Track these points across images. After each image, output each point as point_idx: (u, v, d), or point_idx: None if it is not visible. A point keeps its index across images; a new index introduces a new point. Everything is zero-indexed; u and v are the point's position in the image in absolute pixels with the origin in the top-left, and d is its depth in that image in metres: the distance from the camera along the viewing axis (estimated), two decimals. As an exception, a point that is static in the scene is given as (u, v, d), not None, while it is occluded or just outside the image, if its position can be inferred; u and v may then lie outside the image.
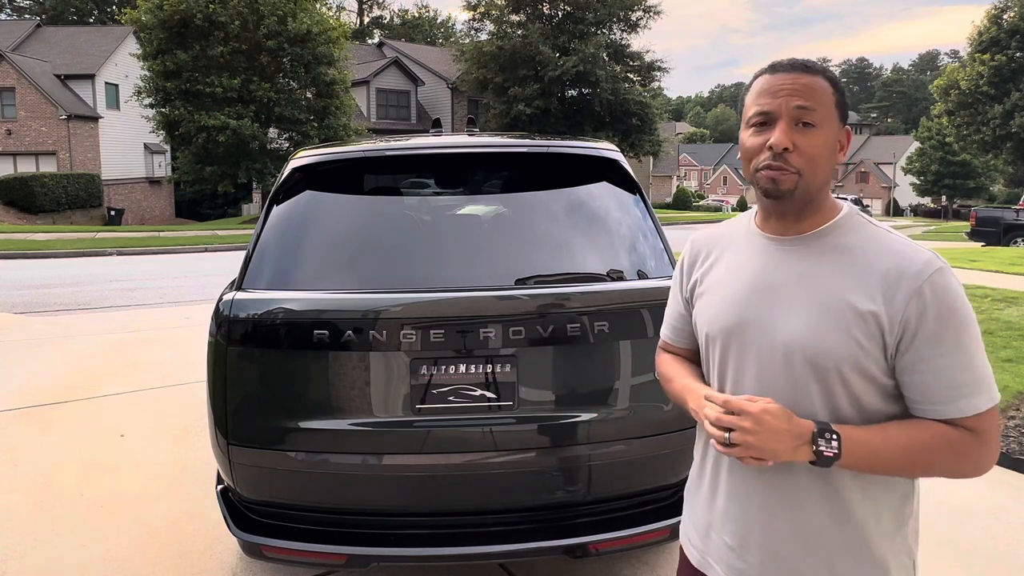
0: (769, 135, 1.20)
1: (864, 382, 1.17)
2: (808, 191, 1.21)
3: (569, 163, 2.74)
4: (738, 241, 1.35)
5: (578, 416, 2.34)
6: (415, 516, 2.41)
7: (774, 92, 1.20)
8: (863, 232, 1.22)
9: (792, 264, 1.24)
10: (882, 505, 1.21)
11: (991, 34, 33.63)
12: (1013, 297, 7.97)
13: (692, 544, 1.42)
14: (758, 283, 1.27)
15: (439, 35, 64.89)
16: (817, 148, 1.19)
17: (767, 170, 1.20)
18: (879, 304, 1.14)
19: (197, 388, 5.11)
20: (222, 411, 2.37)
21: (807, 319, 1.19)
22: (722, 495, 1.32)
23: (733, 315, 1.28)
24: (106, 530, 3.28)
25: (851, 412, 1.18)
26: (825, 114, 1.20)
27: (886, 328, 1.14)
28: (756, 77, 1.26)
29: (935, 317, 1.13)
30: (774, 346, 1.22)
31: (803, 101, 1.18)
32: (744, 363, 1.27)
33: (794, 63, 1.22)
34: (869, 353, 1.15)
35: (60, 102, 30.00)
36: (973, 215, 20.79)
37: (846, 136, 1.24)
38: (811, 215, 1.25)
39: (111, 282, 11.74)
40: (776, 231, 1.28)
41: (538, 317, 2.30)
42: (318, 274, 2.45)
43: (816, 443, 1.12)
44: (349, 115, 28.03)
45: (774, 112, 1.20)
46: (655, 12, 32.03)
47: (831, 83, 1.21)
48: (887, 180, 67.72)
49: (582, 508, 2.42)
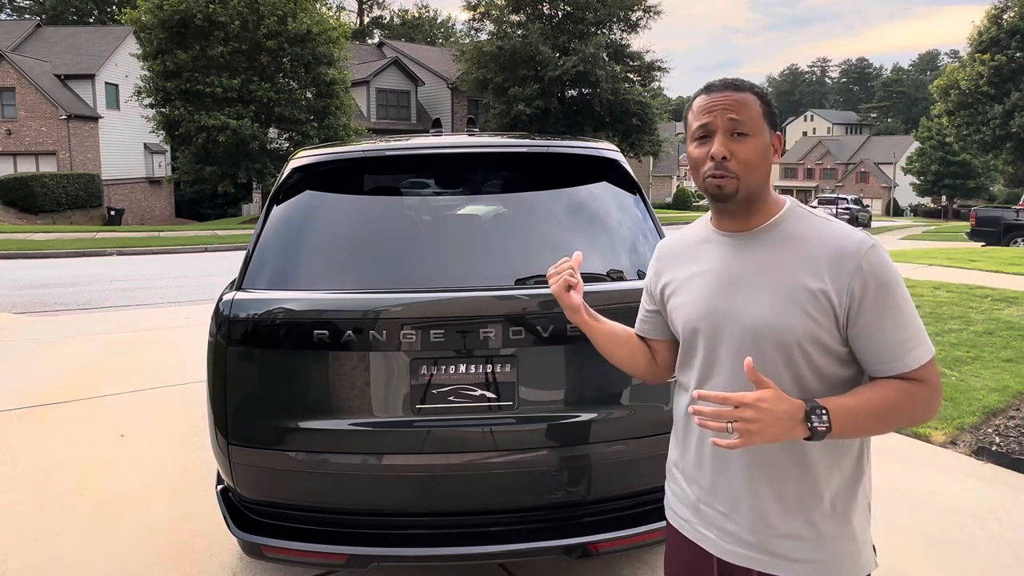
0: (710, 146, 1.38)
1: (822, 353, 1.35)
2: (749, 191, 1.38)
3: (569, 163, 2.74)
4: (699, 243, 1.53)
5: (578, 416, 2.35)
6: (415, 516, 2.41)
7: (710, 109, 1.39)
8: (806, 222, 1.41)
9: (748, 256, 1.42)
10: (843, 466, 1.40)
11: (991, 34, 33.63)
12: (1013, 297, 7.97)
13: (681, 517, 1.56)
14: (722, 277, 1.44)
15: (439, 35, 64.89)
16: (751, 153, 1.36)
17: (712, 177, 1.38)
18: (827, 282, 1.32)
19: (197, 388, 5.11)
20: (222, 411, 2.37)
21: (768, 302, 1.36)
22: (708, 472, 1.47)
23: (705, 308, 1.45)
24: (106, 530, 3.28)
25: (813, 381, 1.36)
26: (755, 124, 1.37)
27: (835, 302, 1.32)
28: (695, 97, 1.46)
29: (875, 287, 1.31)
30: (743, 330, 1.39)
31: (735, 115, 1.37)
32: (719, 349, 1.43)
33: (725, 83, 1.41)
34: (824, 327, 1.33)
35: (60, 102, 30.01)
36: (973, 215, 20.79)
37: (778, 140, 1.43)
38: (758, 212, 1.43)
39: (111, 282, 11.74)
40: (730, 229, 1.46)
41: (538, 317, 2.30)
42: (318, 274, 2.45)
43: (810, 420, 1.25)
44: (349, 115, 28.03)
45: (712, 126, 1.38)
46: (655, 12, 32.03)
47: (758, 97, 1.40)
48: (887, 180, 67.71)
49: (582, 508, 2.42)
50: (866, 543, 1.44)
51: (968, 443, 4.28)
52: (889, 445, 4.25)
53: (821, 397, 1.32)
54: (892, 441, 4.33)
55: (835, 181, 71.19)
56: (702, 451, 1.48)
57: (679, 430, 1.58)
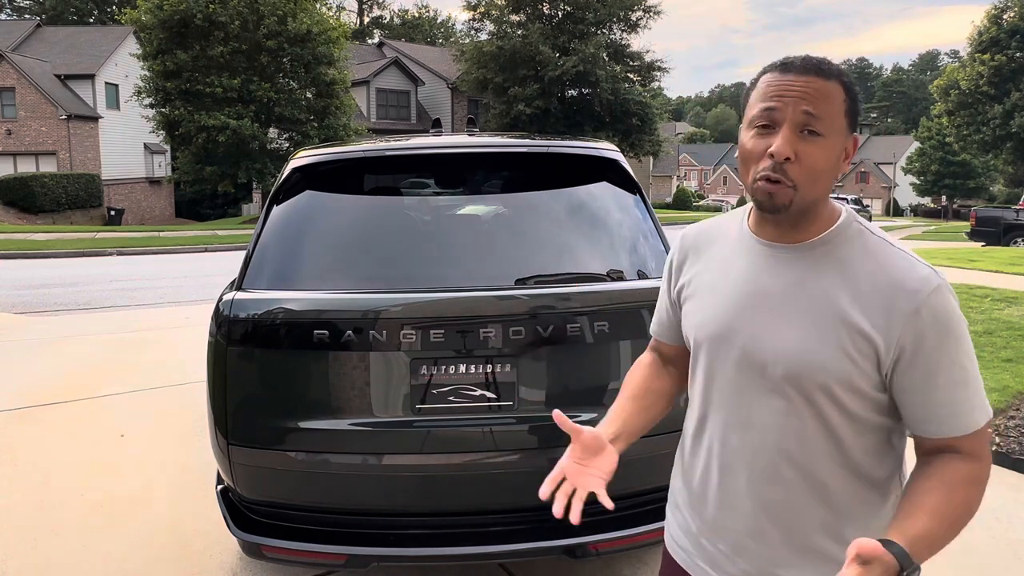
0: (771, 140, 1.12)
1: (854, 397, 1.15)
2: (804, 205, 1.15)
3: (569, 163, 2.74)
4: (730, 242, 1.29)
5: (578, 416, 2.34)
6: (415, 516, 2.41)
7: (781, 94, 1.12)
8: (861, 243, 1.17)
9: (786, 273, 1.19)
10: (870, 522, 1.20)
11: (991, 34, 33.61)
12: (1013, 297, 7.97)
13: (680, 547, 1.40)
14: (749, 291, 1.22)
15: (439, 35, 64.88)
16: (820, 160, 1.12)
17: (764, 182, 1.13)
18: (875, 322, 1.11)
19: (197, 388, 5.10)
20: (222, 411, 2.37)
21: (799, 332, 1.15)
22: (712, 505, 1.29)
23: (722, 323, 1.24)
24: (106, 530, 3.28)
25: (842, 424, 1.16)
26: (834, 124, 1.12)
27: (881, 348, 1.11)
28: (764, 72, 1.18)
29: (934, 338, 1.09)
30: (763, 357, 1.18)
31: (812, 108, 1.10)
32: (732, 374, 1.23)
33: (807, 64, 1.13)
34: (862, 370, 1.12)
35: (60, 102, 30.00)
36: (973, 215, 20.78)
37: (853, 144, 1.16)
38: (809, 223, 1.19)
39: (111, 282, 11.74)
40: (771, 237, 1.22)
41: (538, 317, 2.30)
42: (318, 274, 2.45)
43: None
44: (349, 115, 28.02)
45: (779, 115, 1.12)
46: (655, 12, 32.05)
47: (845, 89, 1.13)
48: (887, 180, 67.72)
49: (582, 508, 2.42)
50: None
51: (968, 443, 4.28)
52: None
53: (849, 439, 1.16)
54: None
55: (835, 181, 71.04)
56: (707, 481, 1.30)
57: (684, 451, 1.39)
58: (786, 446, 1.19)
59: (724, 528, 1.27)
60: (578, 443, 1.29)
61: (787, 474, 1.19)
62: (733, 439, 1.24)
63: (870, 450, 1.19)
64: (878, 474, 1.20)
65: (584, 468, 1.27)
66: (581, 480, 1.26)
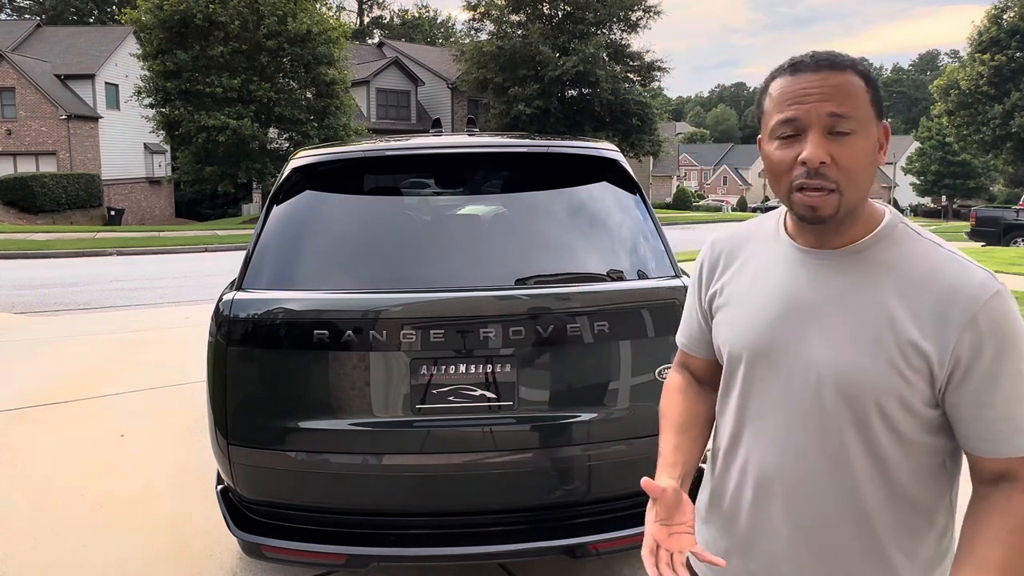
0: (799, 148, 1.05)
1: (905, 414, 1.06)
2: (850, 208, 1.06)
3: (569, 163, 2.74)
4: (766, 248, 1.21)
5: (578, 416, 2.34)
6: (415, 516, 2.41)
7: (800, 98, 1.05)
8: (909, 246, 1.09)
9: (829, 283, 1.11)
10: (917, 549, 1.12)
11: (991, 34, 33.62)
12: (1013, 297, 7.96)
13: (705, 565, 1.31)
14: (789, 302, 1.13)
15: (439, 35, 64.88)
16: (858, 158, 1.04)
17: (803, 192, 1.05)
18: (928, 332, 1.02)
19: (197, 388, 5.10)
20: (222, 411, 2.36)
21: (845, 346, 1.07)
22: (744, 524, 1.22)
23: (760, 336, 1.16)
24: (106, 530, 3.28)
25: (891, 446, 1.08)
26: (862, 117, 1.04)
27: (935, 360, 1.02)
28: (774, 78, 1.11)
29: (993, 348, 1.01)
30: (806, 374, 1.10)
31: (836, 107, 1.03)
32: (770, 390, 1.16)
33: (819, 60, 1.06)
34: (914, 385, 1.04)
35: (60, 102, 30.00)
36: (973, 215, 20.78)
37: (884, 133, 1.09)
38: (850, 226, 1.10)
39: (111, 282, 11.74)
40: (810, 243, 1.14)
41: (538, 317, 2.30)
42: (318, 274, 2.45)
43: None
44: (349, 115, 28.03)
45: (803, 122, 1.04)
46: (655, 12, 32.07)
47: (864, 78, 1.06)
48: (887, 180, 67.73)
49: (582, 508, 2.42)
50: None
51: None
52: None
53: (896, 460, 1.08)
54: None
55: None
56: (740, 500, 1.22)
57: (715, 467, 1.30)
58: (827, 467, 1.11)
59: (757, 548, 1.21)
60: (663, 504, 1.19)
61: (827, 497, 1.12)
62: (769, 458, 1.17)
63: (918, 473, 1.10)
64: (925, 499, 1.12)
65: (671, 529, 1.18)
66: (673, 543, 1.16)
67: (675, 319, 1.50)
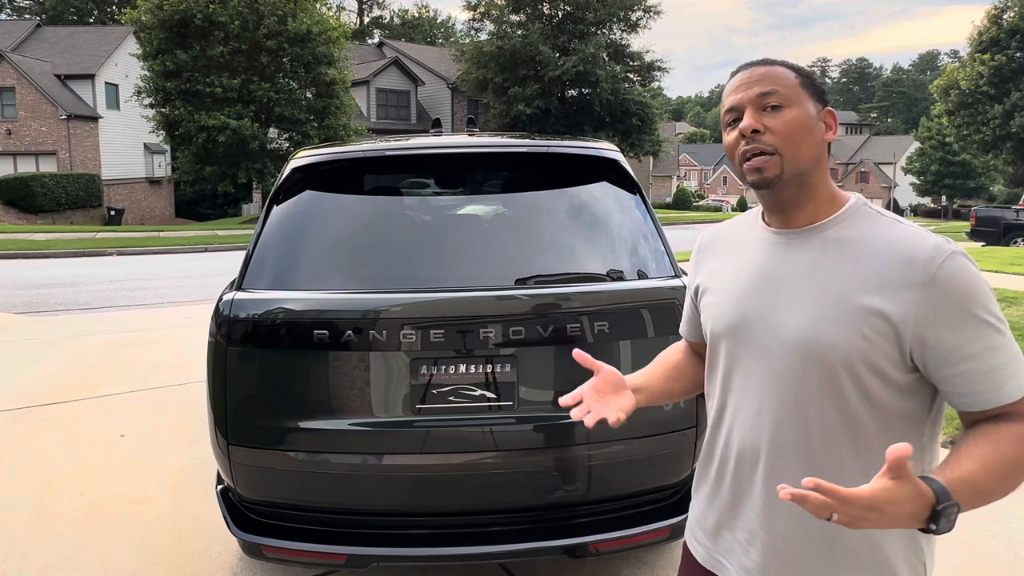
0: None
1: (876, 379, 1.12)
2: (796, 170, 1.17)
3: (569, 163, 2.74)
4: (746, 237, 1.33)
5: (578, 416, 2.34)
6: (415, 516, 2.41)
7: (737, 87, 1.23)
8: (869, 224, 1.18)
9: (795, 258, 1.21)
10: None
11: (991, 34, 33.63)
12: (1013, 297, 7.96)
13: (698, 542, 1.39)
14: (762, 278, 1.24)
15: (439, 35, 64.87)
16: (788, 124, 1.17)
17: (747, 160, 1.19)
18: (889, 296, 1.09)
19: (197, 388, 5.11)
20: (222, 411, 2.37)
21: (812, 314, 1.15)
22: (727, 493, 1.29)
23: (737, 312, 1.26)
24: (106, 530, 3.28)
25: (864, 411, 1.14)
26: (790, 94, 1.19)
27: (898, 322, 1.09)
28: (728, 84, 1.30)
29: (954, 305, 1.07)
30: (780, 343, 1.19)
31: (763, 88, 1.19)
32: (750, 363, 1.24)
33: (755, 61, 1.25)
34: (880, 349, 1.10)
35: (60, 102, 30.00)
36: (973, 215, 20.78)
37: (829, 116, 1.21)
38: (810, 204, 1.21)
39: (111, 282, 11.74)
40: (779, 225, 1.25)
41: (538, 317, 2.30)
42: (318, 274, 2.45)
43: (937, 522, 0.98)
44: (349, 115, 28.03)
45: (740, 105, 1.21)
46: (655, 12, 32.06)
47: (793, 69, 1.22)
48: (887, 180, 67.72)
49: (582, 508, 2.42)
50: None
51: (968, 443, 4.27)
52: (889, 445, 4.24)
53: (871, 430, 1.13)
54: (892, 441, 4.33)
55: (835, 181, 70.17)
56: (724, 470, 1.30)
57: (705, 441, 1.39)
58: (802, 435, 1.17)
59: (740, 518, 1.27)
60: (599, 376, 1.38)
61: (801, 465, 1.17)
62: (749, 428, 1.24)
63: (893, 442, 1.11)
64: None
65: (602, 399, 1.36)
66: (596, 407, 1.34)
67: (675, 319, 1.53)
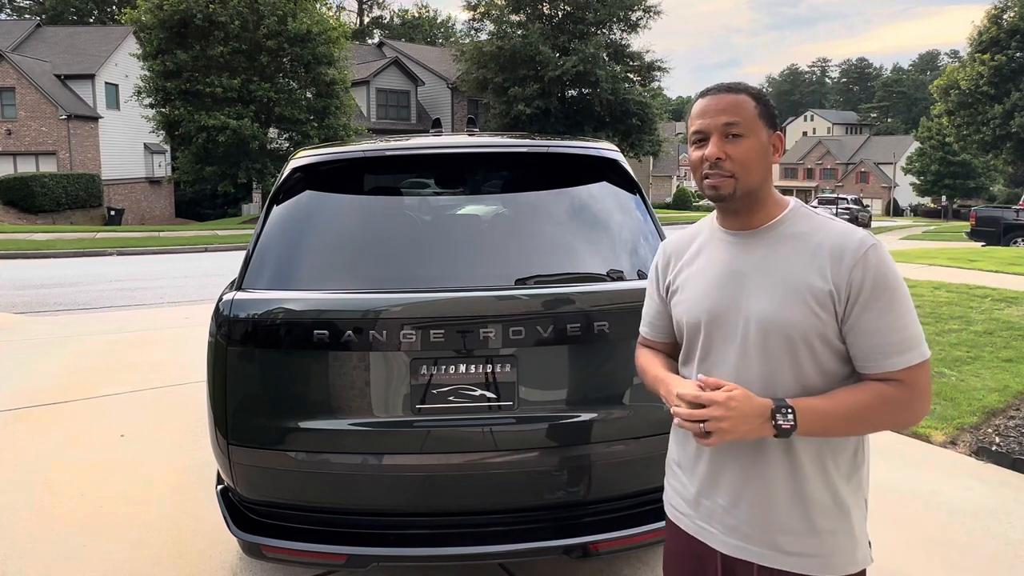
0: (706, 149, 1.42)
1: (826, 349, 1.38)
2: (747, 190, 1.42)
3: (569, 163, 2.74)
4: (705, 241, 1.56)
5: (578, 416, 2.34)
6: (415, 516, 2.41)
7: (704, 113, 1.43)
8: (809, 221, 1.44)
9: (752, 254, 1.45)
10: (838, 461, 1.42)
11: (991, 34, 33.62)
12: (1013, 297, 7.96)
13: (681, 512, 1.58)
14: (727, 273, 1.47)
15: (439, 35, 64.86)
16: (746, 153, 1.40)
17: (708, 179, 1.43)
18: (828, 278, 1.36)
19: (197, 388, 5.10)
20: (222, 411, 2.36)
21: (773, 298, 1.39)
22: (705, 465, 1.50)
23: (709, 303, 1.48)
24: (106, 530, 3.28)
25: (815, 377, 1.39)
26: (749, 125, 1.40)
27: (836, 298, 1.35)
28: (694, 102, 1.49)
29: (871, 285, 1.34)
30: (748, 325, 1.42)
31: (729, 117, 1.40)
32: (722, 347, 1.46)
33: (720, 86, 1.46)
34: (826, 322, 1.36)
35: (60, 102, 30.00)
36: (973, 215, 20.79)
37: (778, 140, 1.45)
38: (760, 211, 1.46)
39: (111, 282, 11.74)
40: (734, 227, 1.49)
41: (538, 317, 2.30)
42: (318, 274, 2.45)
43: (775, 418, 1.32)
44: (349, 115, 28.03)
45: (707, 130, 1.42)
46: (655, 12, 32.04)
47: (753, 98, 1.42)
48: (887, 180, 67.72)
49: (582, 508, 2.42)
50: (863, 538, 1.46)
51: (968, 443, 4.28)
52: (889, 445, 4.25)
53: (820, 394, 1.38)
54: (892, 441, 4.33)
55: (835, 181, 71.20)
56: (701, 447, 1.49)
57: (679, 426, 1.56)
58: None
59: (721, 485, 1.48)
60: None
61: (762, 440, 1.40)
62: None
63: None
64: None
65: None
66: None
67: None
